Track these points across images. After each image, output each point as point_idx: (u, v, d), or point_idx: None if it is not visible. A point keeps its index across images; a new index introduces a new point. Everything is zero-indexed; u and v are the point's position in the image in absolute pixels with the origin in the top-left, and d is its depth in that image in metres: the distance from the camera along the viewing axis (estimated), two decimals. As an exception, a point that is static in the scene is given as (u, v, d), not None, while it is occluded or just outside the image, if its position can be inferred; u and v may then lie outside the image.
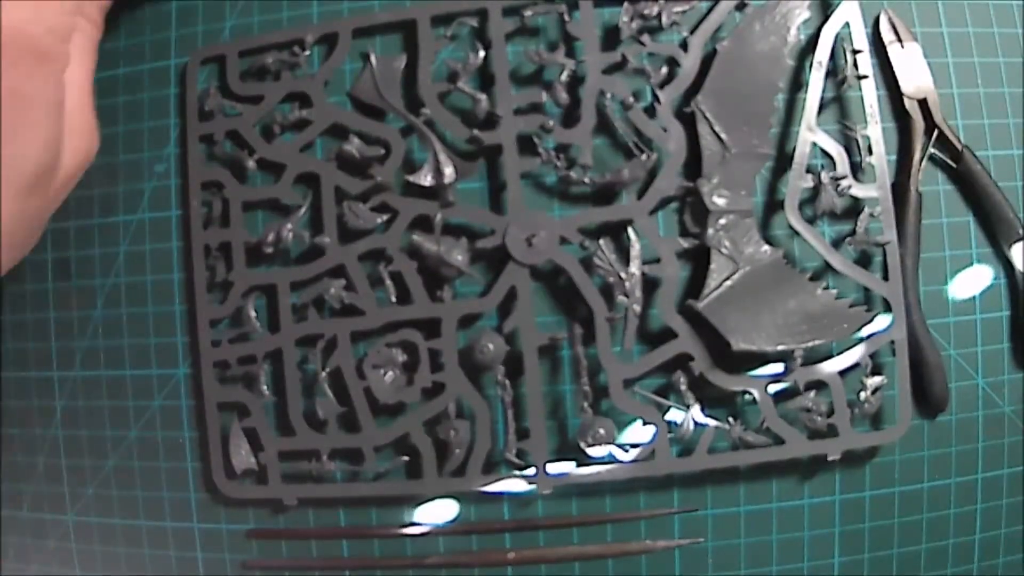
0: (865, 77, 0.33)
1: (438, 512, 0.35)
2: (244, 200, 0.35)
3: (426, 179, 0.33)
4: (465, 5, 0.34)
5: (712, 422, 0.32)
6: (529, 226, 0.33)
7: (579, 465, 0.33)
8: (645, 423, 0.33)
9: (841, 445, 0.32)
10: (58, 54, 0.23)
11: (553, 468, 0.33)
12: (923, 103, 0.34)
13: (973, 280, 0.35)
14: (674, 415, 0.33)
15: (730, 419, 0.33)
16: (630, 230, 0.33)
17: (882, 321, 0.33)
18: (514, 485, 0.33)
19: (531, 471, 0.33)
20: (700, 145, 0.33)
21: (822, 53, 0.33)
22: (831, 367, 0.33)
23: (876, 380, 0.33)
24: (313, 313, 0.34)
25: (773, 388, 0.33)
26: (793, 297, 0.32)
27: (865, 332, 0.33)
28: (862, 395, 0.32)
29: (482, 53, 0.34)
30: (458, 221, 0.34)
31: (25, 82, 0.22)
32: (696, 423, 0.32)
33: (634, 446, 0.33)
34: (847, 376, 0.33)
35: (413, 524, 0.35)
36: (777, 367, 0.33)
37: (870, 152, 0.33)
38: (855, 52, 0.33)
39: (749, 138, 0.33)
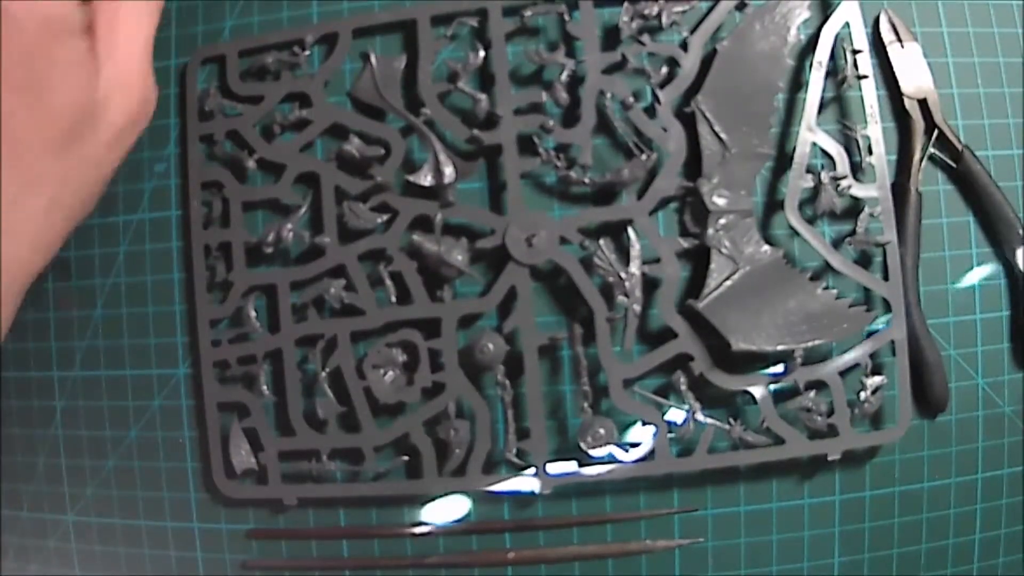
0: (865, 77, 0.33)
1: (439, 512, 0.35)
2: (244, 200, 0.35)
3: (426, 179, 0.33)
4: (465, 5, 0.34)
5: (712, 422, 0.32)
6: (529, 226, 0.33)
7: (579, 465, 0.33)
8: (645, 423, 0.33)
9: (841, 445, 0.32)
10: (67, 17, 0.24)
11: (553, 468, 0.33)
12: (923, 103, 0.34)
13: (973, 280, 0.35)
14: (674, 415, 0.33)
15: (730, 419, 0.33)
16: (630, 230, 0.33)
17: (882, 321, 0.33)
18: (514, 485, 0.33)
19: (531, 471, 0.33)
20: (700, 145, 0.33)
21: (822, 53, 0.33)
22: (831, 367, 0.33)
23: (876, 380, 0.33)
24: (313, 313, 0.34)
25: (773, 388, 0.33)
26: (793, 297, 0.32)
27: (865, 332, 0.33)
28: (862, 395, 0.32)
29: (482, 53, 0.34)
30: (458, 221, 0.34)
31: (41, 44, 0.23)
32: (696, 423, 0.32)
33: (634, 446, 0.33)
34: (847, 376, 0.33)
35: (413, 524, 0.35)
36: (777, 367, 0.33)
37: (870, 152, 0.33)
38: (855, 52, 0.33)
39: (749, 138, 0.33)
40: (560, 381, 0.34)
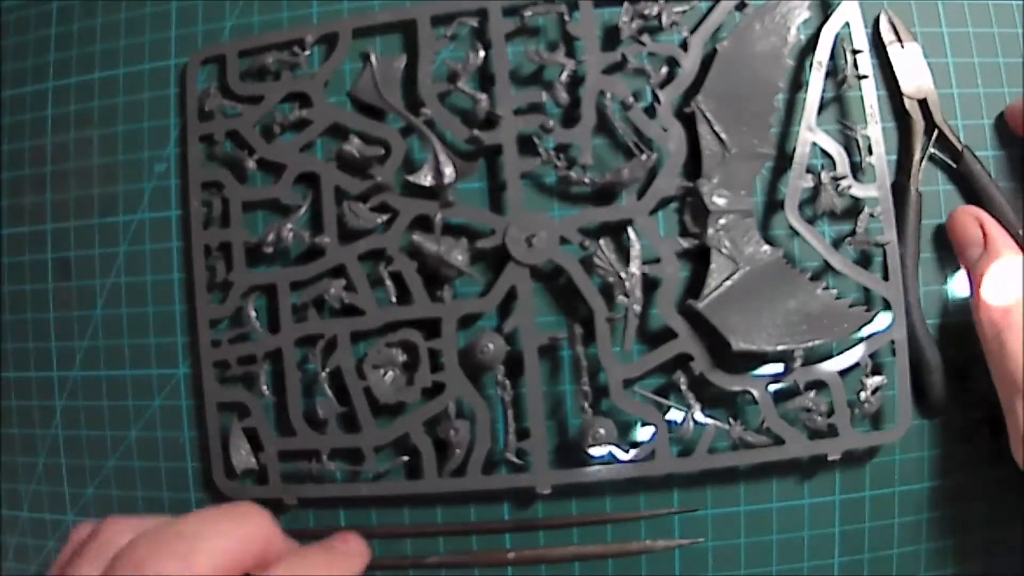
0: (865, 77, 0.33)
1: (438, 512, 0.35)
2: (244, 200, 0.35)
3: (426, 179, 0.33)
4: (465, 5, 0.34)
5: (712, 422, 0.32)
6: (529, 226, 0.33)
7: (579, 465, 0.33)
8: (645, 423, 0.33)
9: (841, 445, 0.32)
10: None
11: (553, 468, 0.33)
12: (923, 103, 0.34)
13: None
14: (674, 415, 0.33)
15: (730, 419, 0.33)
16: (630, 230, 0.33)
17: (882, 321, 0.33)
18: (514, 485, 0.33)
19: (531, 471, 0.33)
20: (700, 145, 0.33)
21: (822, 53, 0.33)
22: (831, 367, 0.33)
23: (876, 380, 0.33)
24: (313, 313, 0.34)
25: (773, 388, 0.33)
26: (793, 297, 0.32)
27: (865, 332, 0.33)
28: (862, 395, 0.32)
29: (482, 53, 0.34)
30: (458, 221, 0.34)
31: None
32: (696, 423, 0.32)
33: (634, 446, 0.33)
34: (847, 376, 0.33)
35: (413, 524, 0.35)
36: (777, 367, 0.33)
37: (870, 152, 0.33)
38: (855, 52, 0.33)
39: (749, 138, 0.33)
40: (560, 381, 0.34)
